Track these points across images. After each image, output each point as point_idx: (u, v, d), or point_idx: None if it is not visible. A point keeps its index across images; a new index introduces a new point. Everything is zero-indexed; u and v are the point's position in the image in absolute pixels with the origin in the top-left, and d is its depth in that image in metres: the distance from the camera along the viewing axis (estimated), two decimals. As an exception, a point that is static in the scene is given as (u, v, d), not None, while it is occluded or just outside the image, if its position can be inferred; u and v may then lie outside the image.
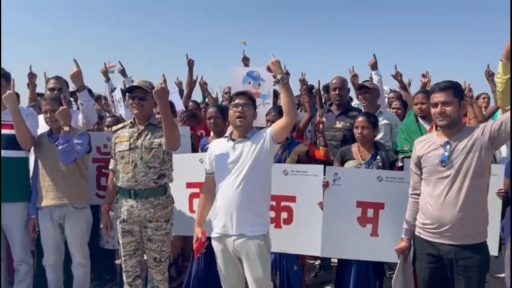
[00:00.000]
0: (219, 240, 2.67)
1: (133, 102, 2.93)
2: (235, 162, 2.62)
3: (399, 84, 4.64)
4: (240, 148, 2.64)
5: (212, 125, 3.65)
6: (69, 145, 3.07)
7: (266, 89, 4.12)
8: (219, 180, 2.68)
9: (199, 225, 2.78)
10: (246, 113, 2.66)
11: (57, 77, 3.81)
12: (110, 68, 7.23)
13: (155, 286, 3.01)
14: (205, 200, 2.82)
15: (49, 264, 3.30)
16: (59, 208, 3.20)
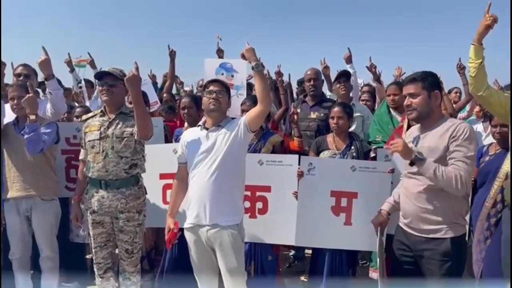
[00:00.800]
0: (192, 231, 2.64)
1: (103, 89, 2.85)
2: (209, 151, 2.58)
3: (372, 76, 4.70)
4: (214, 137, 2.60)
5: (186, 115, 3.61)
6: (35, 134, 2.96)
7: (240, 80, 4.10)
8: (192, 170, 2.64)
9: (172, 216, 2.73)
10: (221, 100, 2.63)
11: (25, 64, 3.67)
12: (81, 62, 7.05)
13: (127, 278, 2.95)
14: (177, 190, 2.77)
15: (16, 257, 3.20)
16: (25, 200, 3.11)
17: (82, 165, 3.01)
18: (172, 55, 5.12)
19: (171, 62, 5.14)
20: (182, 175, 2.75)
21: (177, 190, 2.77)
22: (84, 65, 6.91)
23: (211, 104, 2.63)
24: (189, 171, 2.67)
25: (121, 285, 2.98)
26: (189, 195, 2.66)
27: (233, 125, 2.63)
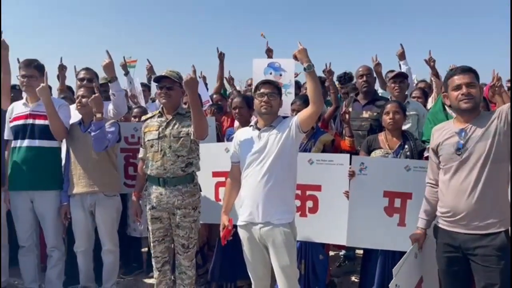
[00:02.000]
0: (245, 228, 2.70)
1: (161, 92, 2.98)
2: (261, 151, 2.63)
3: (431, 71, 4.54)
4: (266, 137, 2.65)
5: (237, 115, 3.68)
6: (101, 132, 3.14)
7: (288, 79, 4.13)
8: (244, 169, 2.70)
9: (226, 213, 2.81)
10: (272, 102, 2.66)
11: (87, 68, 3.91)
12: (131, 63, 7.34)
13: (183, 272, 3.07)
14: (231, 188, 2.85)
15: (80, 250, 3.41)
16: (90, 196, 3.30)
17: (141, 163, 3.16)
18: (221, 57, 5.23)
19: (220, 63, 5.26)
20: (235, 173, 2.82)
21: (231, 188, 2.85)
22: (133, 66, 7.19)
23: (262, 107, 2.67)
24: (242, 170, 2.73)
25: (177, 278, 3.12)
26: (242, 193, 2.73)
27: (284, 125, 2.66)
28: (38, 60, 3.44)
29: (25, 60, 3.38)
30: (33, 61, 3.38)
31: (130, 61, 7.42)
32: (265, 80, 2.82)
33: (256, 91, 2.76)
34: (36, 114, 3.33)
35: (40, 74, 3.36)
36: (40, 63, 3.41)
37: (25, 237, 3.43)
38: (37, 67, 3.38)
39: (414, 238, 2.62)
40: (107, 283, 3.45)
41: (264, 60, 4.31)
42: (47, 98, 3.21)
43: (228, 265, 3.53)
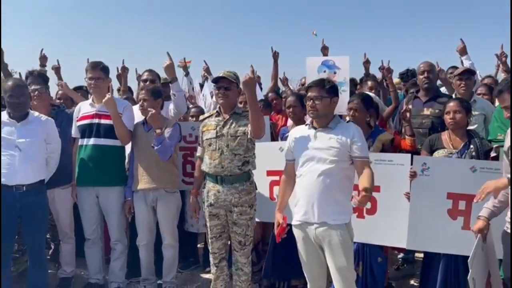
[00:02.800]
0: (300, 228, 2.69)
1: (218, 92, 3.04)
2: (317, 150, 2.60)
3: (503, 67, 4.27)
4: (323, 137, 2.62)
5: (291, 114, 3.67)
6: (163, 146, 3.29)
7: (342, 76, 4.06)
8: (300, 168, 2.68)
9: (280, 211, 2.81)
10: (318, 106, 2.62)
11: (150, 70, 4.09)
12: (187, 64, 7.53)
13: (239, 269, 3.12)
14: (285, 186, 2.84)
15: (143, 244, 3.55)
16: (152, 192, 3.43)
17: (199, 162, 3.23)
18: (275, 56, 5.24)
19: (275, 63, 5.27)
20: (289, 171, 2.82)
21: (285, 186, 2.85)
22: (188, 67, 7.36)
23: (309, 112, 2.66)
24: (297, 169, 2.71)
25: (234, 275, 3.16)
26: (297, 192, 2.72)
27: (343, 130, 2.62)
28: (103, 62, 3.62)
29: (91, 63, 3.57)
30: (99, 63, 3.56)
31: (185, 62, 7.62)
32: (311, 83, 2.74)
33: (306, 92, 2.74)
34: (102, 114, 3.50)
35: (106, 76, 3.55)
36: (105, 65, 3.60)
37: (90, 230, 3.63)
38: (102, 69, 3.56)
39: (478, 228, 2.48)
40: (167, 277, 3.57)
41: (317, 58, 4.27)
42: (113, 109, 3.37)
43: (282, 263, 3.54)
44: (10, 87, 3.12)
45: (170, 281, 3.59)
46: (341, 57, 4.19)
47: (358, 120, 3.21)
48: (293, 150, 2.76)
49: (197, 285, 3.95)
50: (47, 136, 3.27)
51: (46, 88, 3.82)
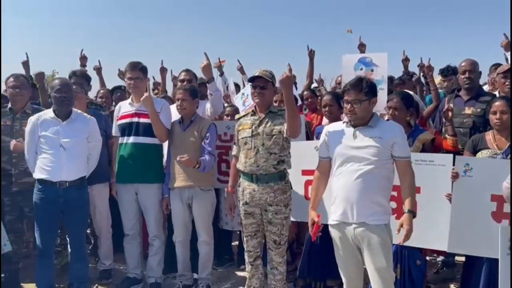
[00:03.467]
0: (338, 228, 2.64)
1: (254, 92, 3.05)
2: (357, 150, 2.54)
3: None
4: (362, 137, 2.55)
5: (327, 113, 3.63)
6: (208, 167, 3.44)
7: (380, 74, 3.99)
8: (338, 167, 2.63)
9: (314, 209, 2.76)
10: (356, 110, 2.54)
11: (187, 69, 4.15)
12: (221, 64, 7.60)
13: (274, 268, 3.12)
14: (318, 184, 2.79)
15: (178, 240, 3.62)
16: (188, 190, 3.48)
17: (235, 160, 3.25)
18: (311, 55, 5.20)
19: (310, 61, 5.23)
20: (324, 169, 2.77)
21: (318, 183, 2.80)
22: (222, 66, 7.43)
23: (348, 115, 2.59)
24: (334, 167, 2.66)
25: (269, 273, 3.17)
26: (334, 191, 2.66)
27: (385, 128, 2.55)
28: (142, 62, 3.70)
29: (130, 63, 3.65)
30: (138, 64, 3.64)
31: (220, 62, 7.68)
32: (348, 86, 2.61)
33: (342, 93, 2.66)
34: (141, 113, 3.58)
35: (144, 76, 3.63)
36: (144, 66, 3.68)
37: (129, 226, 3.73)
38: (141, 69, 3.64)
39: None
40: (202, 273, 3.62)
41: (354, 56, 4.21)
42: (150, 108, 3.44)
43: (317, 263, 3.51)
44: (58, 83, 3.28)
45: (205, 277, 3.63)
46: (379, 54, 4.11)
47: (398, 119, 3.13)
48: (329, 148, 2.70)
49: (232, 282, 3.98)
50: (90, 134, 3.39)
51: (86, 88, 3.94)
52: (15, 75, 3.67)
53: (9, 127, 3.56)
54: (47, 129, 3.25)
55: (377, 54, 4.13)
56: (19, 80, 3.64)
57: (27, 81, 3.79)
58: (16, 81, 3.62)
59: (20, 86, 3.62)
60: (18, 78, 3.65)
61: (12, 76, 3.65)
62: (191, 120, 3.54)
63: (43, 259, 3.33)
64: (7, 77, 3.66)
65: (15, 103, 3.62)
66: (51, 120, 3.29)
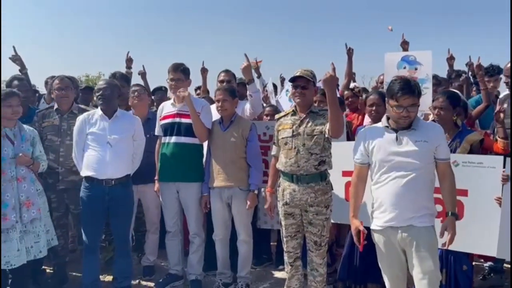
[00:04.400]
0: (383, 233, 2.57)
1: (295, 91, 3.04)
2: (402, 156, 2.45)
3: None
4: (406, 140, 2.47)
5: (373, 113, 3.55)
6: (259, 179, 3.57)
7: (424, 73, 3.88)
8: (382, 173, 2.53)
9: (356, 217, 2.69)
10: (411, 115, 2.45)
11: (227, 70, 4.20)
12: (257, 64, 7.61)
13: (314, 269, 3.10)
14: (357, 191, 2.70)
15: (218, 238, 3.67)
16: (227, 189, 3.52)
17: (274, 160, 3.25)
18: (349, 53, 5.12)
19: (349, 60, 5.15)
20: (363, 175, 2.69)
21: (357, 190, 2.70)
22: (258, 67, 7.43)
23: (401, 119, 2.47)
24: (376, 173, 2.57)
25: (309, 275, 3.15)
26: (379, 198, 2.56)
27: (426, 130, 2.47)
28: (184, 64, 3.78)
29: (173, 65, 3.72)
30: (180, 65, 3.72)
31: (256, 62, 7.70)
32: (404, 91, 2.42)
33: (392, 97, 2.47)
34: (183, 114, 3.65)
35: (186, 77, 3.70)
36: (186, 67, 3.74)
37: (171, 223, 3.81)
38: (183, 70, 3.71)
39: None
40: (241, 271, 3.65)
41: (397, 54, 4.11)
42: (191, 107, 3.50)
43: (358, 266, 3.45)
44: (103, 83, 3.46)
45: (245, 276, 3.66)
46: (423, 51, 4.00)
47: (444, 119, 3.04)
48: (369, 154, 2.60)
49: (270, 282, 3.99)
50: (135, 133, 3.50)
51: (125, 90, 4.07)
52: (60, 77, 3.81)
53: (57, 127, 3.73)
54: (95, 126, 3.39)
55: (421, 51, 4.01)
56: (64, 82, 3.79)
57: (72, 82, 3.95)
58: (61, 83, 3.76)
59: (65, 87, 3.76)
60: (63, 80, 3.79)
61: (57, 78, 3.80)
62: (231, 121, 3.58)
63: (89, 254, 3.47)
64: (53, 79, 3.82)
65: (61, 104, 3.78)
66: (98, 118, 3.42)
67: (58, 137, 3.69)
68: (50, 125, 3.72)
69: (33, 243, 3.32)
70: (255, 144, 3.59)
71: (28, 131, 3.42)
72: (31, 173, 3.35)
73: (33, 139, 3.42)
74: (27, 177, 3.30)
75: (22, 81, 4.05)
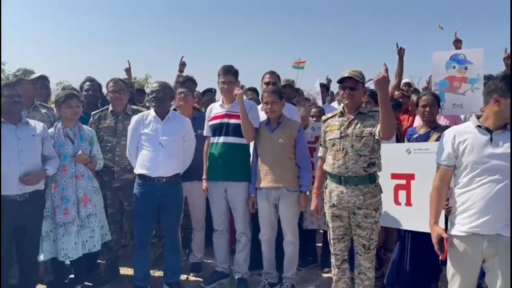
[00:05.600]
0: (465, 239, 2.41)
1: (344, 93, 3.01)
2: (498, 158, 2.31)
3: None
4: (501, 142, 2.33)
5: (427, 114, 3.46)
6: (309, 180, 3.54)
7: (475, 72, 3.72)
8: (473, 176, 2.38)
9: (437, 223, 2.54)
10: None
11: (272, 72, 4.23)
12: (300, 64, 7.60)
13: (362, 273, 3.06)
14: (440, 195, 2.54)
15: (265, 238, 3.70)
16: (275, 190, 3.54)
17: (321, 162, 3.24)
18: (400, 53, 5.00)
19: (400, 60, 5.03)
20: (447, 179, 2.53)
21: (440, 195, 2.55)
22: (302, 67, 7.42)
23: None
24: (466, 176, 2.41)
25: (356, 278, 3.10)
26: (467, 201, 2.41)
27: None
28: (234, 66, 3.84)
29: (224, 67, 3.77)
30: (231, 68, 3.78)
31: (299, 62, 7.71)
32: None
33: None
34: (231, 114, 3.73)
35: (236, 79, 3.76)
36: (236, 69, 3.80)
37: (219, 222, 3.89)
38: (233, 73, 3.77)
39: None
40: (287, 272, 3.67)
41: (445, 53, 3.96)
42: (241, 105, 3.55)
43: (407, 271, 3.38)
44: (156, 85, 3.59)
45: (290, 276, 3.67)
46: (474, 49, 3.84)
47: None
48: (460, 155, 2.43)
49: (316, 284, 3.97)
50: (185, 134, 3.62)
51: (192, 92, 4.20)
52: (114, 79, 3.98)
53: (113, 128, 3.91)
54: (148, 127, 3.53)
55: (472, 50, 3.85)
56: (118, 84, 3.96)
57: (126, 85, 4.13)
58: (115, 86, 3.93)
59: (119, 90, 3.93)
60: (117, 83, 3.96)
61: (112, 80, 3.97)
62: (279, 122, 3.59)
63: (141, 249, 3.62)
64: (108, 82, 4.02)
65: (116, 106, 3.96)
66: (152, 119, 3.56)
67: (114, 138, 3.87)
68: (106, 127, 3.91)
69: (88, 237, 3.50)
70: (304, 145, 3.60)
71: (87, 131, 3.62)
72: (88, 171, 3.54)
73: (91, 138, 3.61)
74: (85, 174, 3.49)
75: (93, 82, 4.28)
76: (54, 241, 3.37)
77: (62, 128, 3.45)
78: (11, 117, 3.09)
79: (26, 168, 3.05)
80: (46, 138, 3.27)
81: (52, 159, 3.28)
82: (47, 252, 3.36)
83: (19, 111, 3.16)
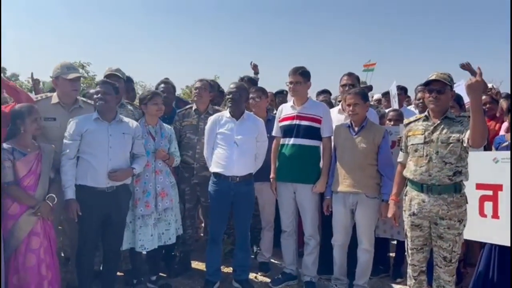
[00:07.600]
0: None
1: (430, 96, 2.87)
2: None
3: None
4: None
5: None
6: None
7: None
8: None
9: None
10: None
11: (350, 73, 4.13)
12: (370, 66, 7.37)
13: (441, 286, 2.90)
14: None
15: (338, 244, 3.62)
16: (352, 195, 3.45)
17: (400, 168, 3.11)
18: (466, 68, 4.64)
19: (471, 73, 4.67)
20: None
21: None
22: (372, 69, 7.19)
23: None
24: None
25: (436, 291, 2.94)
26: None
27: None
28: (304, 67, 3.80)
29: (293, 68, 3.74)
30: (299, 69, 3.74)
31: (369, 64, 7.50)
32: None
33: None
34: (302, 116, 3.70)
35: (305, 80, 3.72)
36: (305, 70, 3.75)
37: (287, 223, 3.88)
38: (302, 73, 3.73)
39: None
40: (359, 280, 3.57)
41: None
42: None
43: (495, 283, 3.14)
44: (233, 86, 3.67)
45: (362, 285, 3.57)
46: None
47: None
48: None
49: (388, 294, 3.83)
50: (258, 134, 3.65)
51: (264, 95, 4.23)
52: (200, 78, 4.16)
53: (195, 126, 4.05)
54: (224, 126, 3.62)
55: None
56: (201, 83, 4.11)
57: (210, 85, 4.26)
58: (198, 84, 4.11)
59: (200, 88, 4.06)
60: (201, 82, 4.12)
61: (199, 79, 4.16)
62: (363, 126, 3.48)
63: (213, 245, 3.71)
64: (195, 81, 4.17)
65: (197, 104, 4.10)
66: (227, 119, 3.64)
67: (195, 136, 4.00)
68: (189, 124, 4.06)
69: (164, 230, 3.65)
70: (388, 152, 3.48)
71: (167, 129, 3.78)
72: (166, 167, 3.69)
73: (170, 136, 3.77)
74: (163, 170, 3.65)
75: (168, 84, 4.48)
76: (132, 232, 3.55)
77: (145, 126, 3.63)
78: (105, 115, 3.28)
79: (114, 164, 3.22)
80: (137, 137, 3.43)
81: (140, 157, 3.44)
82: (126, 242, 3.52)
83: (105, 109, 3.26)
